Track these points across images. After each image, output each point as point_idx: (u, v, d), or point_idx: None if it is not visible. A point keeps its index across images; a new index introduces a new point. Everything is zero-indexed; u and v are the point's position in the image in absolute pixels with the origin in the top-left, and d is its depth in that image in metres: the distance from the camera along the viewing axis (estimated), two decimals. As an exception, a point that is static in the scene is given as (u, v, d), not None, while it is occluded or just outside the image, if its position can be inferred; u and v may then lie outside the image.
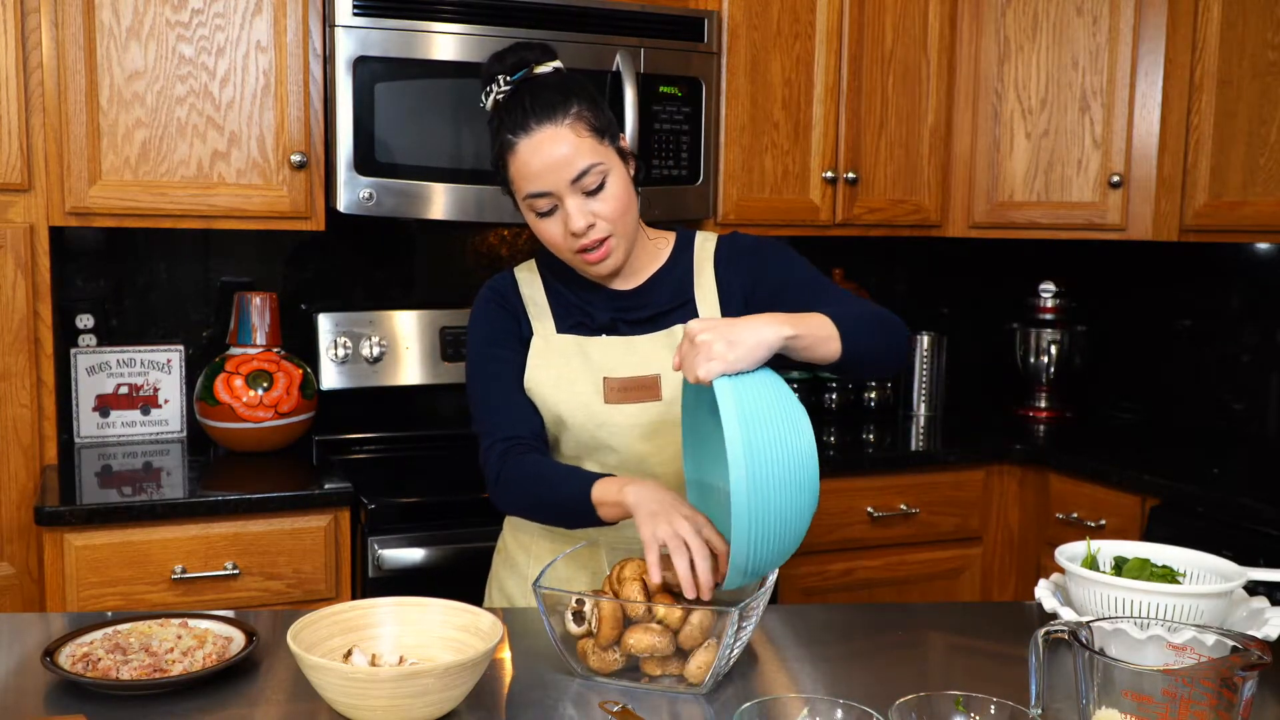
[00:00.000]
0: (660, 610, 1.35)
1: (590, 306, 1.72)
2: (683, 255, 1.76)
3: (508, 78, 1.61)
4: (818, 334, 1.42)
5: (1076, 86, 2.93)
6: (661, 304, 1.72)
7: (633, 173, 1.65)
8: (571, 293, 1.73)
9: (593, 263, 1.62)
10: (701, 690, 1.34)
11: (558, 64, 1.64)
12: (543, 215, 1.61)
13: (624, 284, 1.73)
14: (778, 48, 2.85)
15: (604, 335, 1.71)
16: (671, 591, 1.38)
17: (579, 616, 1.36)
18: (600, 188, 1.59)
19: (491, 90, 1.62)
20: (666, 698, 1.34)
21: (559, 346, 1.69)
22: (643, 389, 1.67)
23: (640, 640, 1.34)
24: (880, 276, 3.47)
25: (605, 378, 1.67)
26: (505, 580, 1.81)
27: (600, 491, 1.50)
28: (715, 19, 2.75)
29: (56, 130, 2.32)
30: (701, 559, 1.36)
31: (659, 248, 1.76)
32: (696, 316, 1.69)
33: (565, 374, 1.67)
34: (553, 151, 1.56)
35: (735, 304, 1.71)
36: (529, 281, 1.76)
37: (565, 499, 1.55)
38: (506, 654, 1.47)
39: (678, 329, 1.69)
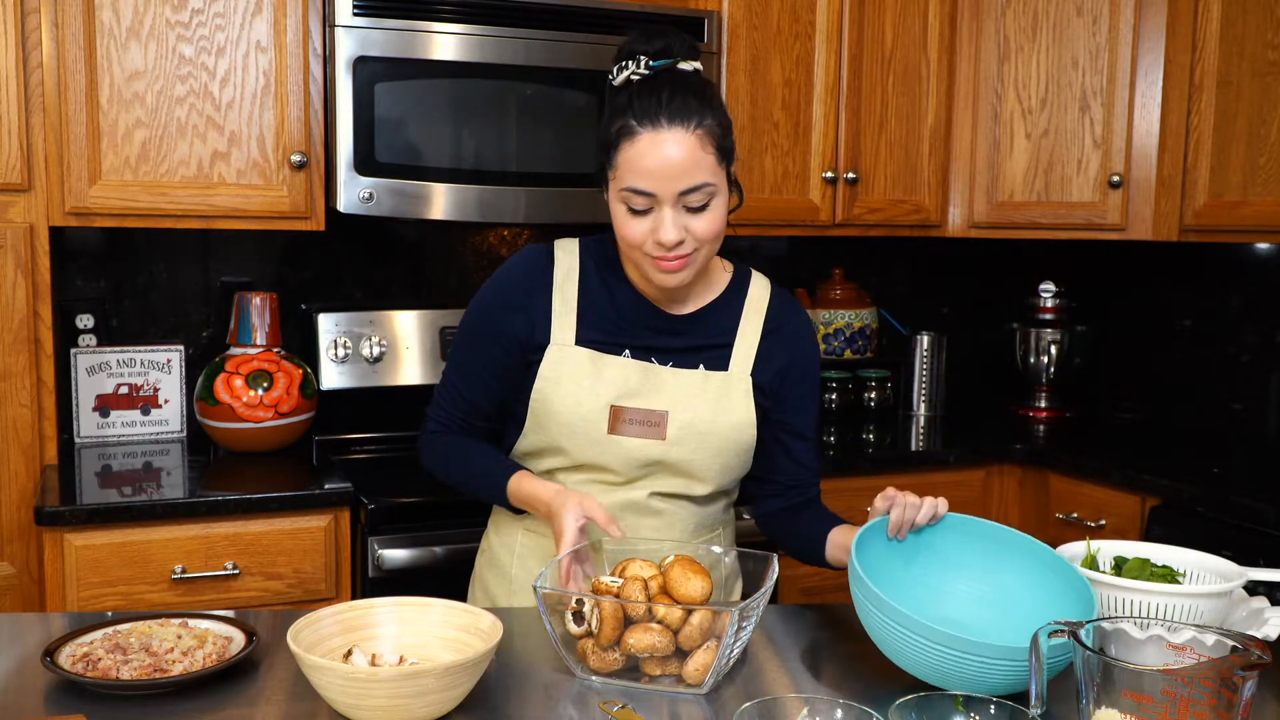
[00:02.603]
0: (660, 610, 1.35)
1: (624, 319, 1.66)
2: (735, 296, 1.72)
3: (650, 61, 1.55)
4: None
5: (1076, 86, 2.93)
6: (702, 338, 1.68)
7: (733, 204, 1.61)
8: (607, 296, 1.67)
9: (665, 272, 1.56)
10: (701, 690, 1.34)
11: (699, 65, 1.59)
12: (633, 212, 1.54)
13: (675, 309, 1.68)
14: (778, 48, 2.85)
15: (626, 354, 1.65)
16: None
17: (579, 616, 1.36)
18: (703, 208, 1.54)
19: (629, 66, 1.56)
20: (666, 698, 1.34)
21: (573, 359, 1.64)
22: (648, 425, 1.63)
23: (640, 640, 1.34)
24: (880, 276, 3.47)
25: (612, 405, 1.63)
26: (489, 580, 1.79)
27: (515, 486, 1.64)
28: (715, 19, 2.75)
29: (56, 130, 2.32)
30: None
31: (716, 276, 1.71)
32: (727, 363, 1.68)
33: (574, 392, 1.63)
34: (674, 156, 1.50)
35: (764, 371, 1.69)
36: (565, 265, 1.68)
37: (483, 478, 1.69)
38: (506, 654, 1.47)
39: (700, 371, 1.67)
